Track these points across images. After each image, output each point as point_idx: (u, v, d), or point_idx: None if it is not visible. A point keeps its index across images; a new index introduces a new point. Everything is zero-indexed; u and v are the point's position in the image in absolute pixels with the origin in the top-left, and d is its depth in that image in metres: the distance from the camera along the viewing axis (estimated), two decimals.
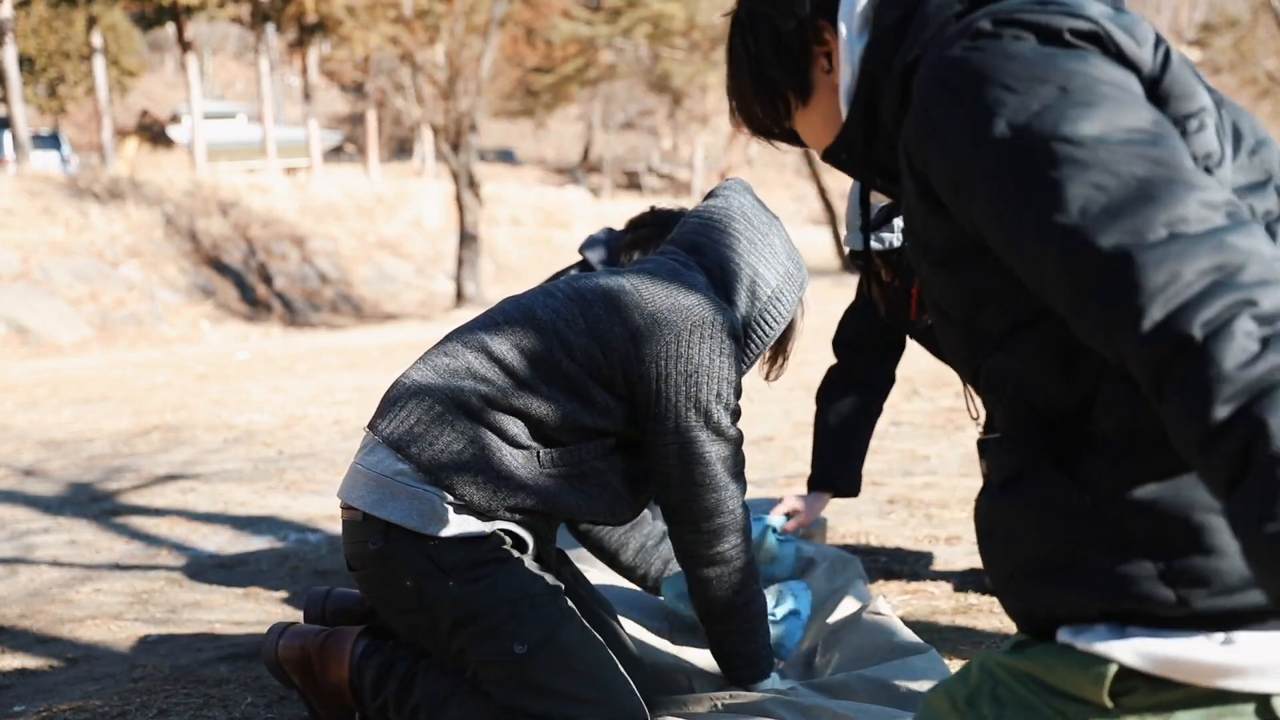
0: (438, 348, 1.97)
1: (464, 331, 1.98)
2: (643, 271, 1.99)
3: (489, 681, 1.87)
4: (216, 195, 20.23)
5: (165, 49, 48.78)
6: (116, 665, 2.61)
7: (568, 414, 1.88)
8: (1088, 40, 1.01)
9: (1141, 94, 1.00)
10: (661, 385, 1.89)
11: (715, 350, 1.90)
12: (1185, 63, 1.06)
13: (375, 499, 1.88)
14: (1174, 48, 1.07)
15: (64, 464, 5.48)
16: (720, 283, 2.02)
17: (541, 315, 1.92)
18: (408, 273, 22.14)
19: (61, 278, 15.73)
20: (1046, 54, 1.00)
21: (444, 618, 1.86)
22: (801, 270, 2.12)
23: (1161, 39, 1.06)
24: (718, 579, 1.99)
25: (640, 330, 1.89)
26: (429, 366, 1.94)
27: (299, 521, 4.09)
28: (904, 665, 2.13)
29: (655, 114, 47.10)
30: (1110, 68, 1.00)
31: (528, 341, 1.90)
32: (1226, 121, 1.08)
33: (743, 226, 2.08)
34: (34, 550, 3.83)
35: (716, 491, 1.93)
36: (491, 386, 1.88)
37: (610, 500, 1.98)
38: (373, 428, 1.94)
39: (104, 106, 27.97)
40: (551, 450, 1.90)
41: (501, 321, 1.94)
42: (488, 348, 1.91)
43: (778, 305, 2.06)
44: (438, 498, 1.85)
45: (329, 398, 7.61)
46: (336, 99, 48.27)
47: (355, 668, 2.02)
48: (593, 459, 1.93)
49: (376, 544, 1.87)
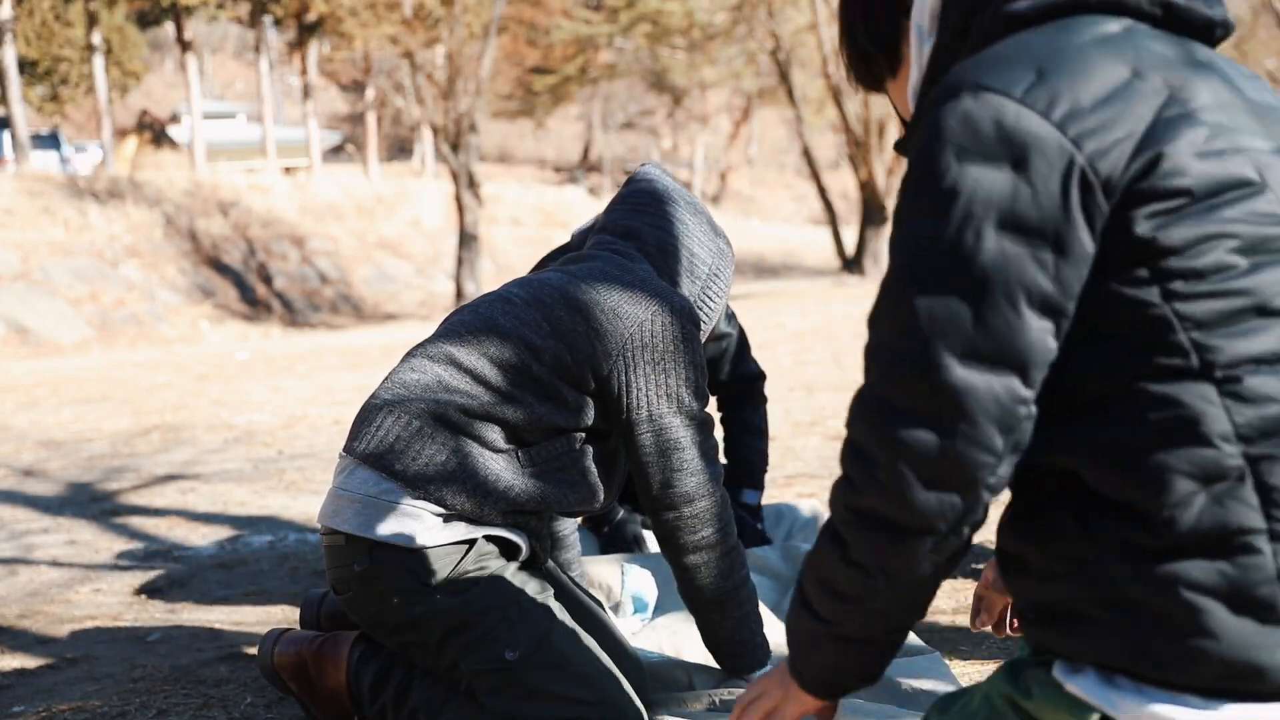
0: (402, 365, 1.97)
1: (426, 346, 1.98)
2: (593, 270, 2.00)
3: (484, 690, 1.87)
4: (216, 195, 20.24)
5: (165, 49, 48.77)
6: (116, 665, 2.61)
7: (541, 416, 1.90)
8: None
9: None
10: (630, 376, 1.90)
11: (677, 336, 1.92)
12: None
13: (362, 520, 1.87)
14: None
15: (64, 464, 5.48)
16: (662, 267, 2.07)
17: (504, 323, 1.93)
18: (408, 273, 22.15)
19: (61, 278, 15.74)
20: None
21: (434, 631, 1.86)
22: (730, 245, 2.17)
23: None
24: (705, 565, 1.98)
25: (602, 327, 1.90)
26: (397, 384, 1.94)
27: (299, 521, 4.09)
28: (908, 664, 2.14)
29: (655, 114, 47.11)
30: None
31: (494, 350, 1.91)
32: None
33: (670, 209, 2.12)
34: (34, 550, 3.83)
35: (695, 475, 1.94)
36: (465, 397, 1.89)
37: (591, 486, 1.99)
38: (349, 451, 1.94)
39: (104, 106, 27.97)
40: (530, 450, 1.91)
41: (464, 333, 1.95)
42: (455, 359, 1.92)
43: (717, 282, 2.11)
44: (427, 511, 1.85)
45: (329, 398, 7.61)
46: (336, 99, 48.27)
47: (352, 672, 2.02)
48: (569, 449, 1.95)
49: (362, 565, 1.87)
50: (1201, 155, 0.97)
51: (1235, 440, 0.95)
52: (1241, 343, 0.96)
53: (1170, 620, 0.96)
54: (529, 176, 40.59)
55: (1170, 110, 0.99)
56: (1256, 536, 0.95)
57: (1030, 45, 1.03)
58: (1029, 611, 1.08)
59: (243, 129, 40.14)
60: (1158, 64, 1.02)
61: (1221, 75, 1.05)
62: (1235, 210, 0.97)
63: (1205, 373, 0.96)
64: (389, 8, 19.38)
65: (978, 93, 1.00)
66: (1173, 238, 0.96)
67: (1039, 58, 1.01)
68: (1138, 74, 1.00)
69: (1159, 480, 0.97)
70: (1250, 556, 0.94)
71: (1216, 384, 0.96)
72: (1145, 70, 1.01)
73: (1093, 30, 1.03)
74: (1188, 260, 0.96)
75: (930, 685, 2.10)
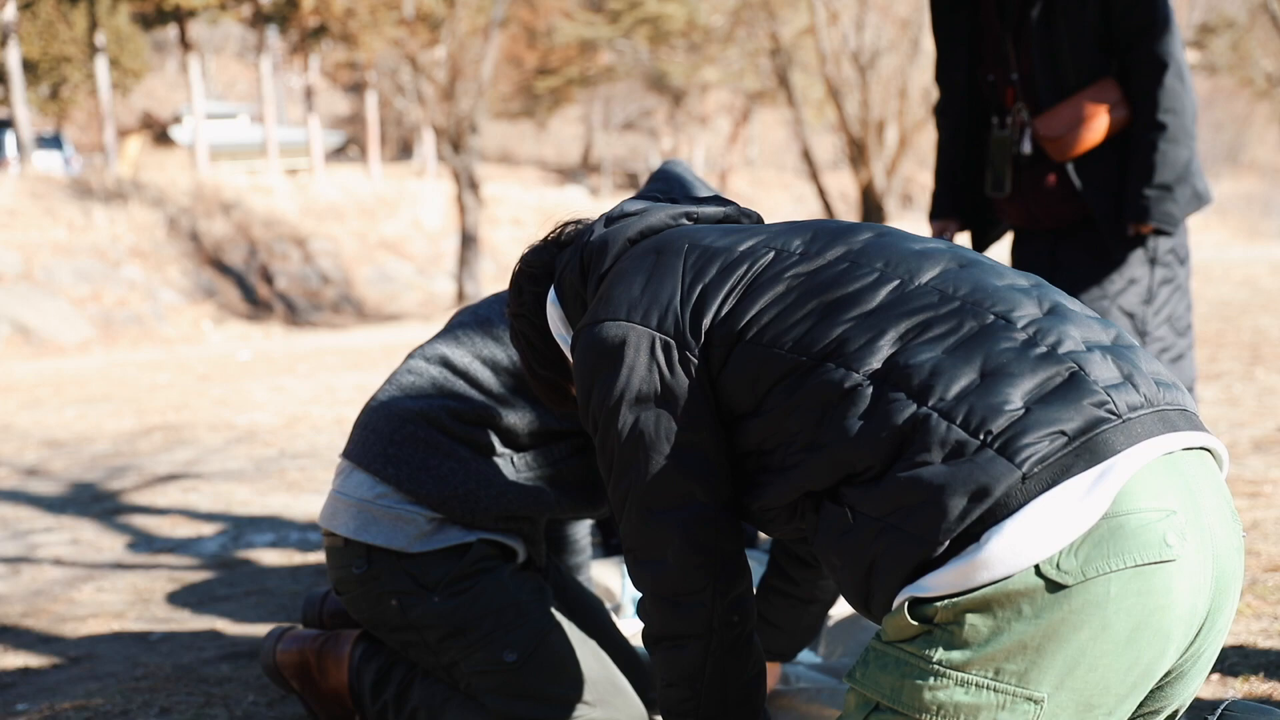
0: (402, 368, 1.99)
1: (425, 348, 2.00)
2: None
3: (483, 692, 1.88)
4: (218, 196, 20.24)
5: (167, 50, 48.76)
6: (119, 664, 2.62)
7: (534, 419, 1.90)
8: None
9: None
10: None
11: None
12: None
13: (357, 524, 1.88)
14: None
15: (66, 463, 5.49)
16: None
17: (500, 324, 1.94)
18: (409, 273, 22.14)
19: (64, 278, 15.75)
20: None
21: (432, 633, 1.88)
22: None
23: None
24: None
25: None
26: (395, 388, 1.95)
27: (300, 521, 4.10)
28: None
29: (655, 114, 47.07)
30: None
31: (488, 352, 1.92)
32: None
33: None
34: (36, 549, 3.84)
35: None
36: (460, 401, 1.90)
37: (588, 494, 2.00)
38: (348, 455, 1.95)
39: (106, 108, 27.99)
40: (525, 454, 1.92)
41: (461, 335, 1.96)
42: (450, 362, 1.93)
43: None
44: (421, 516, 1.86)
45: (330, 397, 7.62)
46: (338, 99, 48.25)
47: (354, 671, 2.03)
48: (566, 457, 1.95)
49: (360, 568, 1.89)
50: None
51: (854, 370, 1.29)
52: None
53: (919, 506, 1.21)
54: (531, 177, 40.56)
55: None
56: (916, 409, 1.23)
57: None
58: (870, 604, 1.30)
59: (245, 130, 40.13)
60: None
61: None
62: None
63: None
64: (389, 8, 19.39)
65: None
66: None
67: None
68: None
69: (849, 441, 1.27)
70: (923, 426, 1.22)
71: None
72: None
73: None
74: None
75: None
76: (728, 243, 1.45)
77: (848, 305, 1.33)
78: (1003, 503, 1.17)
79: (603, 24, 30.64)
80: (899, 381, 1.26)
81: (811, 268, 1.38)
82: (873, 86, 19.53)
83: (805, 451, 1.31)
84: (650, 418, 1.39)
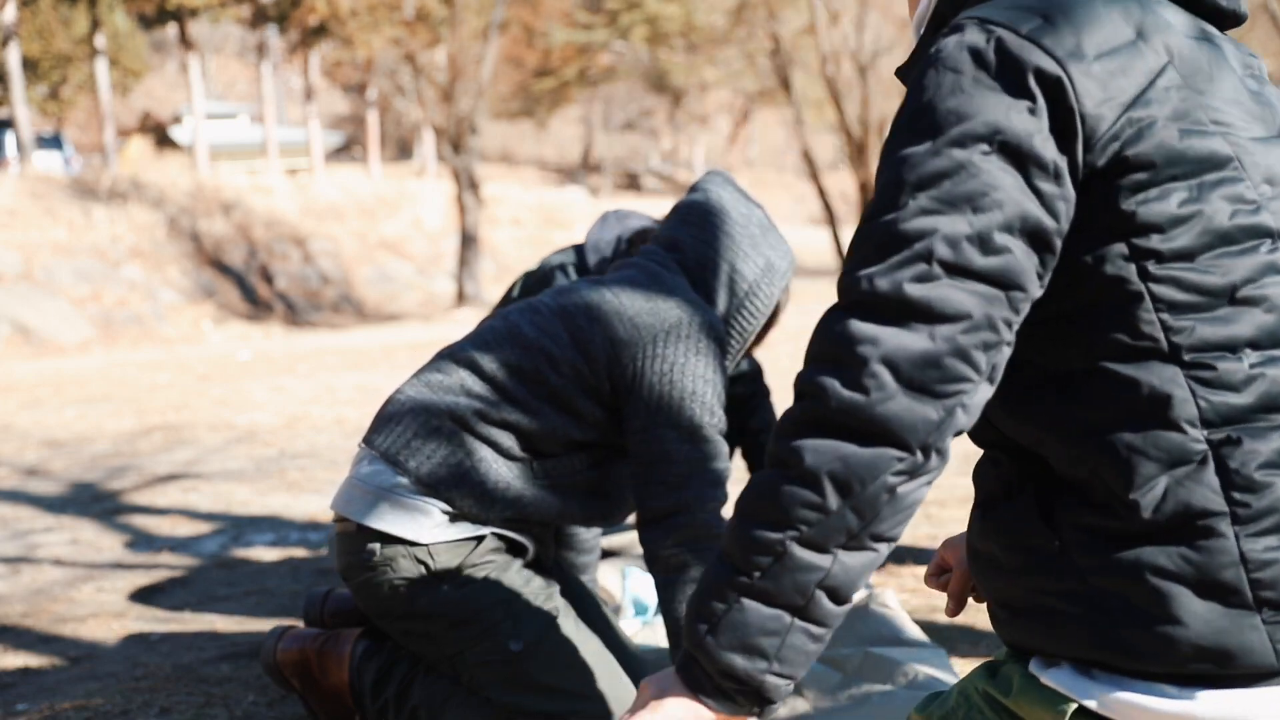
0: (431, 364, 2.00)
1: (456, 349, 2.01)
2: (623, 278, 2.01)
3: (487, 683, 1.88)
4: (218, 196, 20.24)
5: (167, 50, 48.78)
6: (119, 664, 2.62)
7: (556, 428, 1.91)
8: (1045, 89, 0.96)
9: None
10: (636, 385, 1.90)
11: (691, 350, 1.91)
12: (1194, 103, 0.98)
13: (371, 511, 1.89)
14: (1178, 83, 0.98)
15: (66, 463, 5.49)
16: (700, 280, 2.05)
17: (528, 333, 1.95)
18: (409, 273, 22.14)
19: (64, 278, 15.74)
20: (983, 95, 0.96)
21: (439, 622, 1.88)
22: (785, 258, 2.12)
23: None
24: (667, 586, 1.87)
25: (620, 337, 1.91)
26: (423, 383, 1.96)
27: (300, 520, 4.10)
28: (914, 652, 2.18)
29: (655, 114, 47.12)
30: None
31: (515, 359, 1.93)
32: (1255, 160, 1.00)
33: (720, 220, 2.10)
34: (36, 549, 3.84)
35: (679, 491, 1.86)
36: (483, 402, 1.90)
37: (602, 505, 2.00)
38: (368, 442, 1.96)
39: (106, 108, 27.99)
40: (545, 461, 1.92)
41: (491, 340, 1.97)
42: (478, 365, 1.94)
43: (755, 300, 2.08)
44: (435, 509, 1.87)
45: (330, 397, 7.62)
46: (338, 99, 48.27)
47: (354, 670, 2.03)
48: (585, 469, 1.95)
49: (371, 554, 1.89)
50: (1186, 131, 0.96)
51: (1200, 425, 0.94)
52: (1210, 328, 0.95)
53: (1138, 608, 0.95)
54: (531, 177, 40.58)
55: (1165, 79, 0.98)
56: (1218, 520, 0.94)
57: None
58: (1001, 611, 1.07)
59: (245, 130, 40.16)
60: (1162, 29, 1.00)
61: (1223, 55, 1.03)
62: (1216, 193, 0.96)
63: (1173, 356, 0.95)
64: (390, 8, 19.39)
65: (983, 25, 0.99)
66: (1152, 213, 0.95)
67: (1047, 5, 1.00)
68: (1141, 35, 0.99)
69: (1124, 462, 0.96)
70: (1213, 540, 0.94)
71: (1184, 367, 0.95)
72: (1149, 33, 0.99)
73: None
74: (1165, 239, 0.95)
75: (935, 671, 2.13)
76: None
77: None
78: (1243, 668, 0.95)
79: (600, 25, 30.64)
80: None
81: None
82: (873, 86, 19.54)
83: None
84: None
